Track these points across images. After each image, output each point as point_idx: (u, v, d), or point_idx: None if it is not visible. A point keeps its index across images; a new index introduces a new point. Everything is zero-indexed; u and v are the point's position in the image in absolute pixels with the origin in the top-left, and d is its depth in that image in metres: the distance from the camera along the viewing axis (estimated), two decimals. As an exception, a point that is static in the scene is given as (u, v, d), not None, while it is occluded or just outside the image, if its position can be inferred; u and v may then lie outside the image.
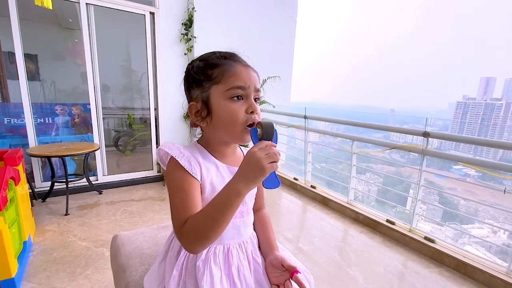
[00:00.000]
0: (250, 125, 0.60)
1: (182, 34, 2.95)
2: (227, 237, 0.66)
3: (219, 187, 0.61)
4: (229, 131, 0.60)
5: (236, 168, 0.53)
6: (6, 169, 1.46)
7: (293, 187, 2.99)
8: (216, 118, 0.61)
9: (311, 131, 2.81)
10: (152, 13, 2.81)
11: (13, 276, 1.31)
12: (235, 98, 0.59)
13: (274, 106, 3.09)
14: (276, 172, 0.54)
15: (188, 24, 2.93)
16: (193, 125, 0.67)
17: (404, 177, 2.85)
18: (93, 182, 2.66)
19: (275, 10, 3.49)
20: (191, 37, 2.95)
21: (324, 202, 2.58)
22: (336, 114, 2.83)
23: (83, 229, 1.99)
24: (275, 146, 0.53)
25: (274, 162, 0.50)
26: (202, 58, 0.65)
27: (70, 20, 3.57)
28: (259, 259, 0.69)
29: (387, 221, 2.08)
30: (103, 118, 2.88)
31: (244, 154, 0.74)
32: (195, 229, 0.52)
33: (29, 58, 3.83)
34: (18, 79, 2.39)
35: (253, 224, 0.78)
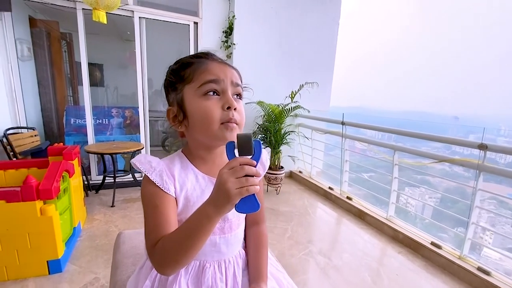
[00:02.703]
0: (227, 123, 0.54)
1: (222, 41, 3.06)
2: (204, 253, 0.61)
3: (196, 200, 0.58)
4: (205, 130, 0.55)
5: None
6: (61, 162, 1.68)
7: (327, 196, 2.84)
8: (191, 119, 0.56)
9: (349, 138, 2.64)
10: (195, 23, 2.98)
11: (59, 258, 1.50)
12: (210, 94, 0.54)
13: (309, 111, 3.00)
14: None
15: (229, 31, 3.03)
16: (180, 134, 0.63)
17: (464, 193, 2.46)
18: (137, 179, 2.91)
19: (317, 14, 3.40)
20: (230, 44, 3.05)
21: (360, 216, 2.39)
22: (385, 121, 2.57)
23: (124, 221, 2.18)
24: (253, 164, 0.44)
25: (246, 187, 0.42)
26: (177, 61, 0.61)
27: (128, 32, 4.00)
28: (241, 284, 0.62)
29: (432, 243, 1.83)
30: (154, 120, 3.14)
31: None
32: (165, 252, 0.49)
33: (96, 67, 4.43)
34: (82, 85, 2.75)
35: (246, 241, 0.71)
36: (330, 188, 2.87)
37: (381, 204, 2.46)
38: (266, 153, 0.72)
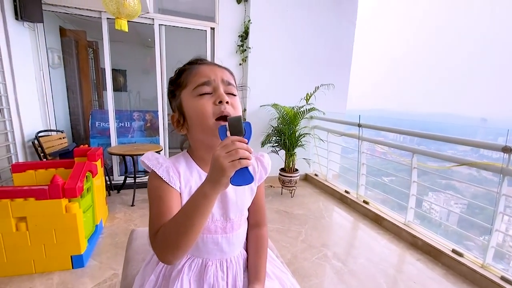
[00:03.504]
0: (220, 118, 0.57)
1: (238, 45, 3.12)
2: (206, 251, 0.63)
3: None
4: (201, 127, 0.58)
5: None
6: (85, 163, 1.79)
7: (343, 200, 2.79)
8: (189, 120, 0.60)
9: (366, 140, 2.59)
10: (212, 28, 3.06)
11: (82, 253, 1.59)
12: (203, 94, 0.58)
13: (324, 113, 2.96)
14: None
15: (244, 36, 3.08)
16: (187, 138, 0.67)
17: (488, 199, 2.33)
18: (156, 180, 3.01)
19: (333, 15, 3.36)
20: (246, 48, 3.09)
21: (377, 220, 2.33)
22: (406, 123, 2.47)
23: (142, 220, 2.27)
24: (244, 141, 0.47)
25: (238, 159, 0.45)
26: (175, 71, 0.66)
27: (150, 39, 4.17)
28: (241, 283, 0.64)
29: (453, 251, 1.75)
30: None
31: (253, 164, 0.71)
32: (166, 237, 0.51)
33: (120, 72, 4.65)
34: (106, 90, 2.90)
35: (246, 243, 0.72)
36: (346, 191, 2.81)
37: (401, 209, 2.38)
38: (268, 158, 0.73)
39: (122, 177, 2.97)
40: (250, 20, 3.01)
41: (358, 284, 1.57)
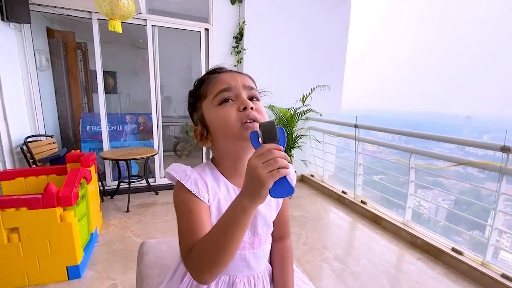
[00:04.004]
0: (248, 122, 0.54)
1: (233, 47, 3.09)
2: (234, 268, 0.60)
3: None
4: (227, 135, 0.55)
5: None
6: (80, 169, 1.72)
7: (341, 201, 2.80)
8: (213, 130, 0.58)
9: (362, 141, 2.60)
10: (206, 29, 3.02)
11: (78, 263, 1.53)
12: (224, 102, 0.55)
13: (320, 114, 2.97)
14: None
15: (239, 37, 3.05)
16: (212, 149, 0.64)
17: (480, 196, 2.39)
18: (151, 184, 2.95)
19: (327, 16, 3.39)
20: (241, 50, 3.07)
21: (376, 221, 2.34)
22: (397, 122, 2.53)
23: (139, 226, 2.20)
24: (281, 149, 0.44)
25: (277, 169, 0.42)
26: (194, 82, 0.64)
27: (141, 40, 4.09)
28: None
29: (453, 249, 1.77)
30: (165, 126, 3.19)
31: None
32: (202, 254, 0.47)
33: (110, 74, 4.54)
34: (98, 92, 2.81)
35: (271, 256, 0.71)
36: (343, 192, 2.82)
37: (393, 207, 2.42)
38: (292, 168, 0.71)
39: (115, 182, 2.89)
40: (244, 21, 2.99)
41: (362, 286, 1.57)
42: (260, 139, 0.46)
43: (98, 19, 2.62)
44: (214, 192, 0.58)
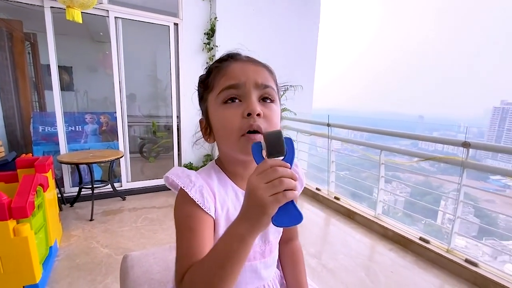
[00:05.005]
0: (250, 132, 0.46)
1: (204, 43, 2.99)
2: (244, 282, 0.54)
3: None
4: (226, 143, 0.50)
5: None
6: (35, 176, 1.52)
7: (315, 197, 2.86)
8: (215, 131, 0.51)
9: (335, 139, 2.69)
10: (176, 24, 2.88)
11: (37, 282, 1.34)
12: (230, 101, 0.48)
13: (295, 114, 3.01)
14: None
15: (211, 33, 2.96)
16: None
17: (433, 187, 2.63)
18: (117, 188, 2.73)
19: (298, 16, 3.44)
20: (213, 46, 2.98)
21: (349, 215, 2.43)
22: (360, 121, 2.69)
23: (106, 235, 2.02)
24: (288, 166, 0.37)
25: (282, 192, 0.35)
26: (206, 68, 0.56)
27: (101, 33, 3.78)
28: None
29: (421, 239, 1.90)
30: (129, 125, 2.97)
31: None
32: (195, 284, 0.41)
33: (65, 70, 4.11)
34: (52, 89, 2.52)
35: (281, 259, 0.66)
36: (317, 189, 2.89)
37: (364, 201, 2.55)
38: (300, 167, 0.67)
39: (75, 189, 2.62)
40: (216, 17, 2.90)
41: (342, 280, 1.60)
42: (263, 152, 0.39)
43: (51, 7, 2.34)
44: (223, 201, 0.51)
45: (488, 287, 1.51)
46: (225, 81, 0.48)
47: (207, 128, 0.54)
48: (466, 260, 1.64)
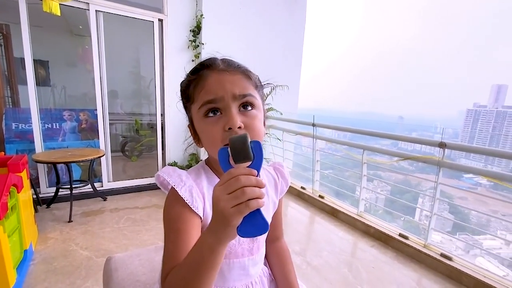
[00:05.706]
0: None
1: (190, 40, 2.94)
2: (233, 279, 0.56)
3: None
4: (212, 152, 0.52)
5: None
6: (8, 176, 1.43)
7: (300, 196, 2.90)
8: (201, 139, 0.53)
9: (320, 139, 2.74)
10: (160, 20, 2.81)
11: (11, 287, 1.27)
12: (211, 115, 0.49)
13: (281, 113, 3.04)
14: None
15: (196, 30, 2.92)
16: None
17: (412, 185, 2.75)
18: (98, 188, 2.63)
19: (284, 16, 3.46)
20: (199, 44, 2.94)
21: (333, 213, 2.49)
22: (342, 121, 2.77)
23: (86, 237, 1.94)
24: (253, 173, 0.35)
25: (245, 202, 0.33)
26: (186, 73, 0.56)
27: (81, 27, 3.62)
28: None
29: (400, 235, 1.98)
30: (110, 123, 2.87)
31: (273, 175, 0.65)
32: (174, 285, 0.42)
33: (41, 64, 3.90)
34: (27, 84, 2.39)
35: (268, 259, 0.69)
36: (302, 188, 2.93)
37: (347, 199, 2.63)
38: (286, 167, 0.68)
39: (52, 189, 2.51)
40: (202, 14, 2.86)
41: (326, 277, 1.64)
42: (230, 159, 0.38)
43: (26, -3, 2.22)
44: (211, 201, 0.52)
45: (461, 280, 1.60)
46: (204, 95, 0.49)
47: (195, 134, 0.56)
48: (442, 255, 1.72)
